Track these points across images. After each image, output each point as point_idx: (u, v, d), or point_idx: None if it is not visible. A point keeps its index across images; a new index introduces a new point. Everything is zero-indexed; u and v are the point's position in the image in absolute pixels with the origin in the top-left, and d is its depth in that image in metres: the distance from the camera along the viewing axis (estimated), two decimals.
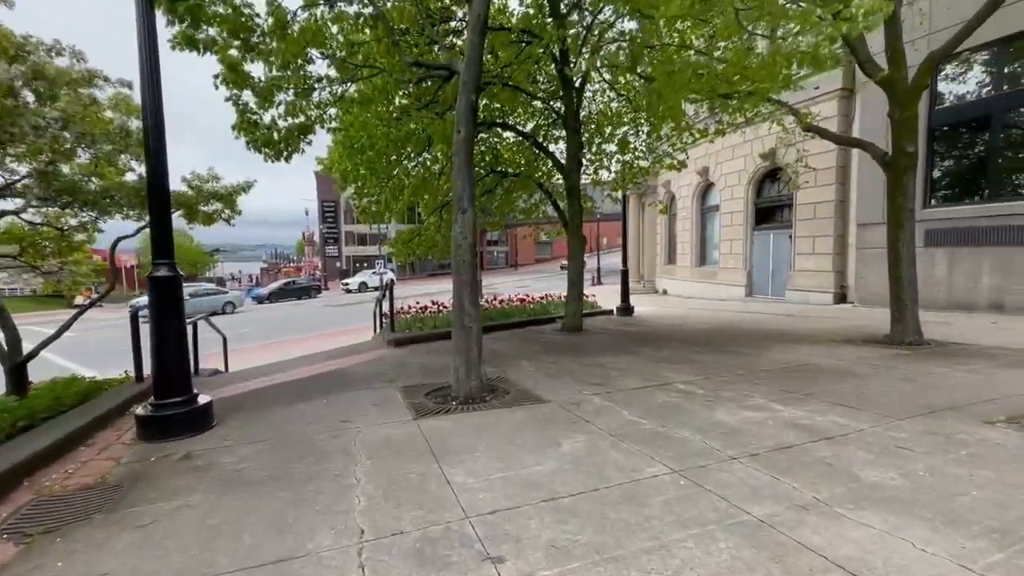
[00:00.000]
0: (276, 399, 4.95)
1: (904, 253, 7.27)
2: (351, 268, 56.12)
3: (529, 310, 11.62)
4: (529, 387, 4.99)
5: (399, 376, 5.73)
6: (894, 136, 7.34)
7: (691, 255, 20.48)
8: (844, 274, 13.91)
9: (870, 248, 12.84)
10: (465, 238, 4.57)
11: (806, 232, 14.61)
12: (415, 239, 11.50)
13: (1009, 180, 10.61)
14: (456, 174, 4.59)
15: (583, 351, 7.08)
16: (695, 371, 5.44)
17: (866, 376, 4.93)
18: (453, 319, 4.73)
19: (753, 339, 7.91)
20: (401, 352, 7.44)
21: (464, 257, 4.59)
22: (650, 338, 8.35)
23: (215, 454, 3.37)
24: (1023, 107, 10.19)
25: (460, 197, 4.57)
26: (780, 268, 15.89)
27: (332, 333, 14.64)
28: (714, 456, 3.00)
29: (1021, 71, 10.26)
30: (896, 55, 7.26)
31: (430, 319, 9.28)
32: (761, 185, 16.70)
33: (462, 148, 4.56)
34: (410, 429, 3.75)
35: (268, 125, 6.08)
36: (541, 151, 9.51)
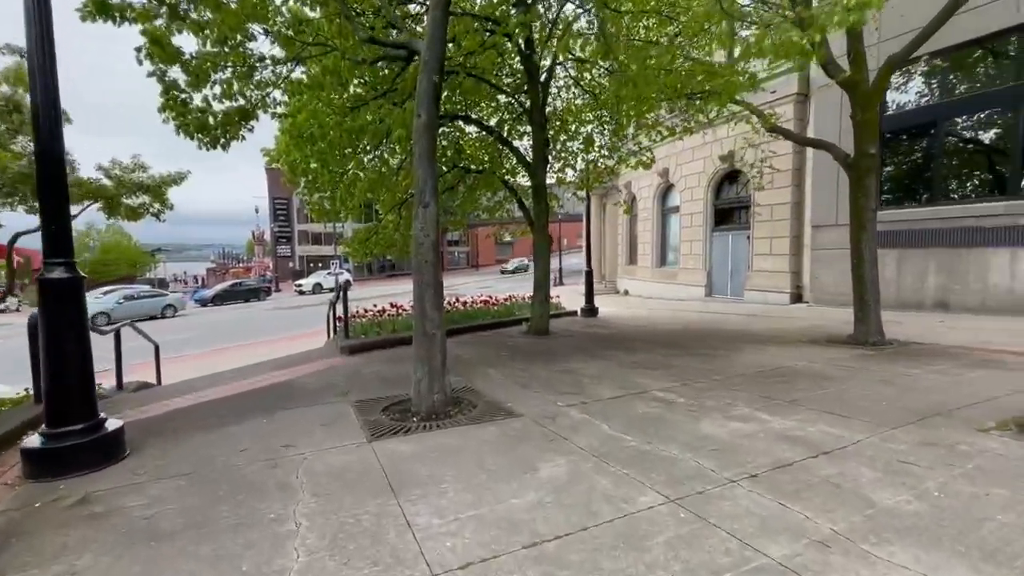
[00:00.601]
0: (208, 419, 4.31)
1: (867, 254, 7.33)
2: (305, 268, 53.96)
3: (494, 312, 11.20)
4: (499, 398, 4.57)
5: (353, 388, 5.18)
6: (856, 138, 7.40)
7: (652, 256, 20.65)
8: (800, 274, 14.24)
9: (824, 249, 13.18)
10: (427, 235, 4.11)
11: (763, 233, 14.90)
12: (372, 238, 10.86)
13: (952, 184, 11.09)
14: (417, 164, 4.12)
15: (553, 356, 6.73)
16: (671, 377, 5.19)
17: (843, 379, 4.80)
18: (414, 325, 4.25)
19: (721, 341, 7.80)
20: (356, 360, 6.85)
21: (426, 256, 4.12)
22: (619, 341, 8.10)
23: (120, 495, 2.76)
24: (966, 114, 10.66)
25: (421, 190, 4.10)
26: (739, 268, 16.16)
27: (282, 338, 13.71)
28: (710, 479, 2.68)
29: (964, 80, 10.73)
30: (858, 57, 7.30)
31: (388, 323, 8.69)
32: (720, 187, 16.96)
33: (423, 135, 4.09)
34: (364, 454, 3.25)
35: (202, 108, 5.39)
36: (506, 146, 9.11)
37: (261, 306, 28.43)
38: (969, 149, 10.91)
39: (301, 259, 56.71)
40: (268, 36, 5.44)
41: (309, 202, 8.79)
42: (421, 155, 4.10)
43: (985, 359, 5.60)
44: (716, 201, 17.03)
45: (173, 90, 5.12)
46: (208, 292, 30.43)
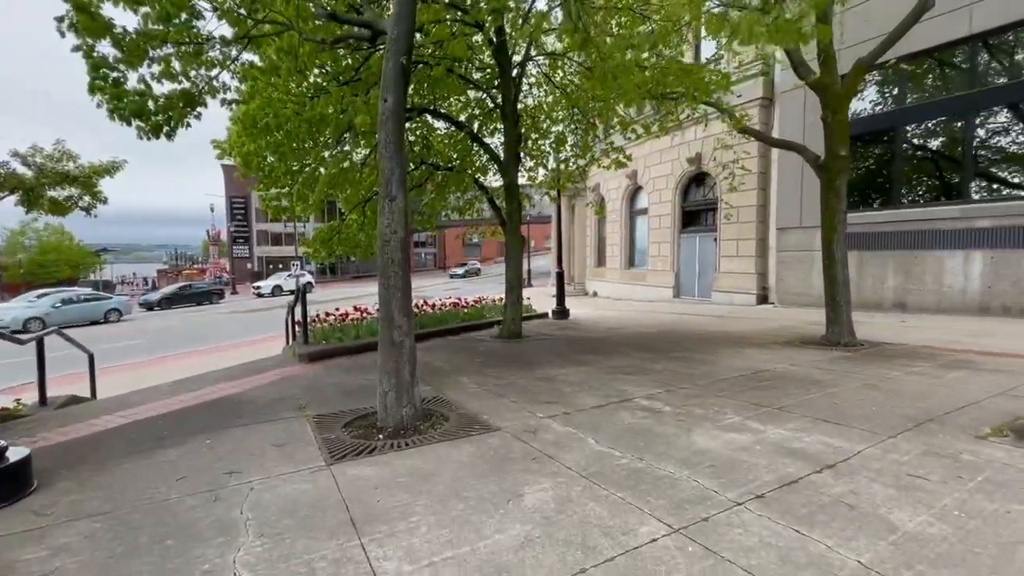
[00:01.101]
0: (141, 441, 3.78)
1: (838, 255, 7.36)
2: (264, 270, 51.91)
3: (464, 315, 10.81)
4: (473, 410, 4.21)
5: (312, 401, 4.71)
6: (827, 139, 7.42)
7: (620, 257, 20.68)
8: (765, 276, 14.46)
9: (789, 251, 13.43)
10: (394, 232, 3.72)
11: (730, 235, 15.07)
12: (334, 238, 10.28)
13: (909, 189, 11.45)
14: (382, 152, 3.72)
15: (528, 362, 6.42)
16: (653, 383, 4.96)
17: (828, 383, 4.68)
18: (380, 332, 3.85)
19: (697, 343, 7.69)
20: (316, 369, 6.34)
21: (393, 256, 3.73)
22: (595, 344, 7.87)
23: (16, 544, 2.27)
24: (921, 121, 11.02)
25: (387, 181, 3.70)
26: (706, 270, 16.32)
27: (236, 344, 12.88)
28: (715, 502, 2.41)
29: (919, 88, 11.10)
30: (828, 59, 7.33)
31: (352, 328, 8.18)
32: (688, 189, 17.11)
33: (389, 121, 3.70)
34: (322, 482, 2.84)
35: (140, 91, 4.81)
36: (477, 143, 8.77)
37: (215, 310, 26.96)
38: (924, 155, 11.28)
39: (260, 260, 54.52)
40: (215, 13, 4.91)
41: (265, 198, 8.19)
42: (387, 143, 3.71)
43: (955, 360, 5.63)
44: (684, 203, 17.17)
45: (103, 68, 4.52)
46: (154, 295, 28.50)
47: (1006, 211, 9.59)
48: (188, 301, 28.79)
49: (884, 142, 11.73)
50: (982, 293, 9.95)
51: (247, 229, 53.52)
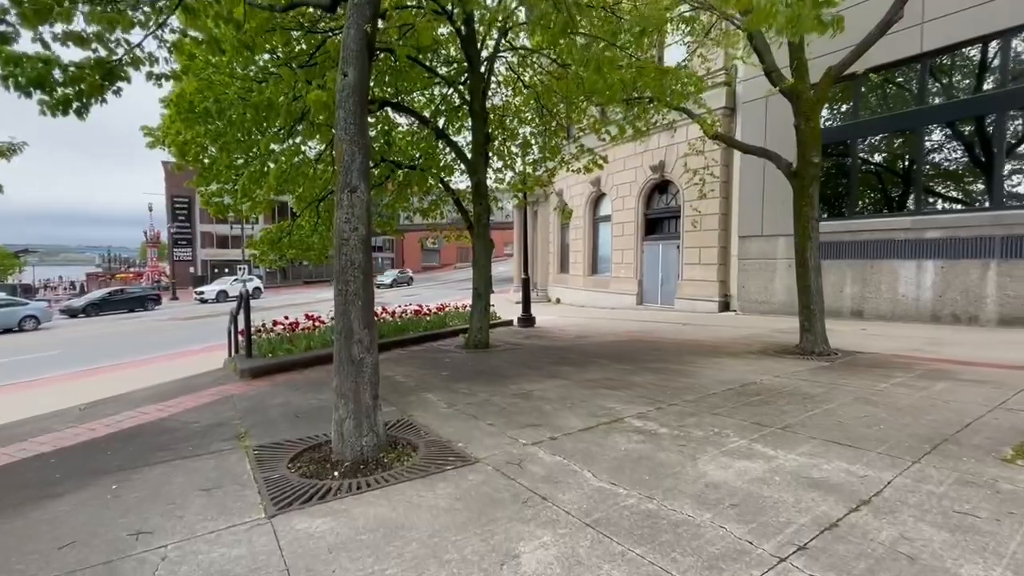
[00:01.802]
0: (25, 486, 3.01)
1: (812, 262, 7.29)
2: (208, 274, 48.87)
3: (426, 323, 10.19)
4: (445, 435, 3.67)
5: (253, 428, 4.02)
6: (800, 147, 7.37)
7: (584, 264, 20.56)
8: (727, 283, 14.59)
9: (750, 259, 13.57)
10: (355, 229, 3.14)
11: (692, 243, 15.15)
12: (285, 239, 9.46)
13: (865, 200, 11.78)
14: (341, 134, 3.15)
15: (500, 375, 5.91)
16: (640, 398, 4.57)
17: (821, 398, 4.44)
18: (335, 347, 3.25)
19: (672, 353, 7.43)
20: (260, 387, 5.58)
21: (352, 257, 3.15)
22: (568, 354, 7.47)
23: None
24: (877, 134, 11.36)
25: (347, 168, 3.13)
26: (669, 277, 16.35)
27: (172, 356, 11.67)
28: (753, 557, 1.99)
29: (873, 102, 11.46)
30: (800, 67, 7.29)
31: (303, 338, 7.40)
32: (651, 197, 17.16)
33: (351, 97, 3.14)
34: (261, 543, 2.23)
35: (43, 56, 3.99)
36: (443, 139, 8.22)
37: (151, 317, 24.86)
38: (878, 168, 11.64)
39: (204, 264, 51.32)
40: None
41: (204, 195, 7.32)
42: (347, 124, 3.15)
43: (932, 370, 5.58)
44: (647, 211, 17.20)
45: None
46: (79, 301, 25.89)
47: (954, 223, 9.95)
48: (119, 307, 26.43)
49: (839, 155, 12.03)
50: (934, 302, 10.26)
51: (190, 230, 50.30)
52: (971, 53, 9.88)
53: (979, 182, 10.07)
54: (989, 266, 9.52)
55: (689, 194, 15.09)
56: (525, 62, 9.21)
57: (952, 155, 10.42)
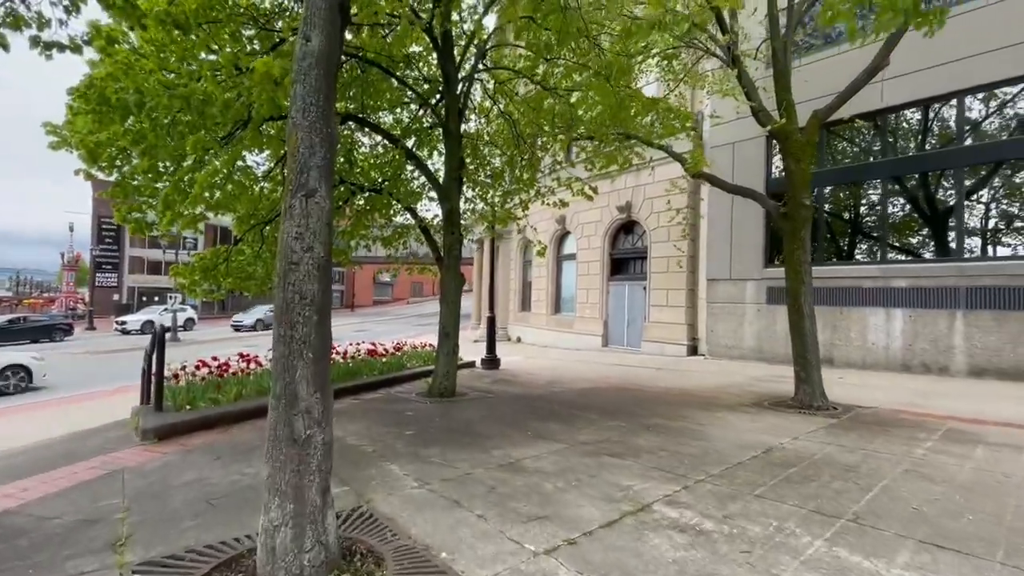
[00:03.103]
0: None
1: (806, 308, 6.87)
2: (135, 302, 44.70)
3: (382, 365, 9.03)
4: (422, 536, 2.66)
5: (141, 526, 2.84)
6: (791, 188, 7.07)
7: (547, 303, 19.94)
8: (695, 327, 14.28)
9: (719, 303, 13.34)
10: (309, 249, 2.21)
11: (660, 285, 14.86)
12: (221, 266, 8.16)
13: (833, 247, 11.88)
14: (297, 119, 2.26)
15: (477, 435, 4.92)
16: (656, 470, 3.74)
17: (865, 471, 3.76)
18: (272, 422, 2.24)
19: (662, 404, 6.72)
20: (167, 454, 4.30)
21: (304, 289, 2.20)
22: (547, 405, 6.58)
23: None
24: (845, 182, 11.54)
25: (303, 165, 2.23)
26: (635, 319, 15.94)
27: (69, 398, 9.81)
28: None
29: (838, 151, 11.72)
30: (789, 108, 7.09)
31: (233, 384, 6.11)
32: (617, 237, 16.92)
33: (315, 69, 2.28)
34: None
35: None
36: (413, 161, 7.40)
37: (60, 349, 21.83)
38: (847, 216, 11.80)
39: (132, 291, 46.99)
40: None
41: (119, 208, 6.06)
42: (306, 105, 2.27)
43: (951, 429, 5.12)
44: (613, 251, 16.91)
45: None
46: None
47: (920, 272, 10.02)
48: (20, 338, 23.13)
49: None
50: (904, 351, 10.19)
51: (117, 254, 46.13)
52: (935, 108, 10.21)
53: (942, 233, 10.27)
54: (956, 316, 9.56)
55: (656, 235, 14.93)
56: (502, 89, 8.66)
57: (916, 206, 10.65)
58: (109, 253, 45.28)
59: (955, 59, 9.34)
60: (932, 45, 9.23)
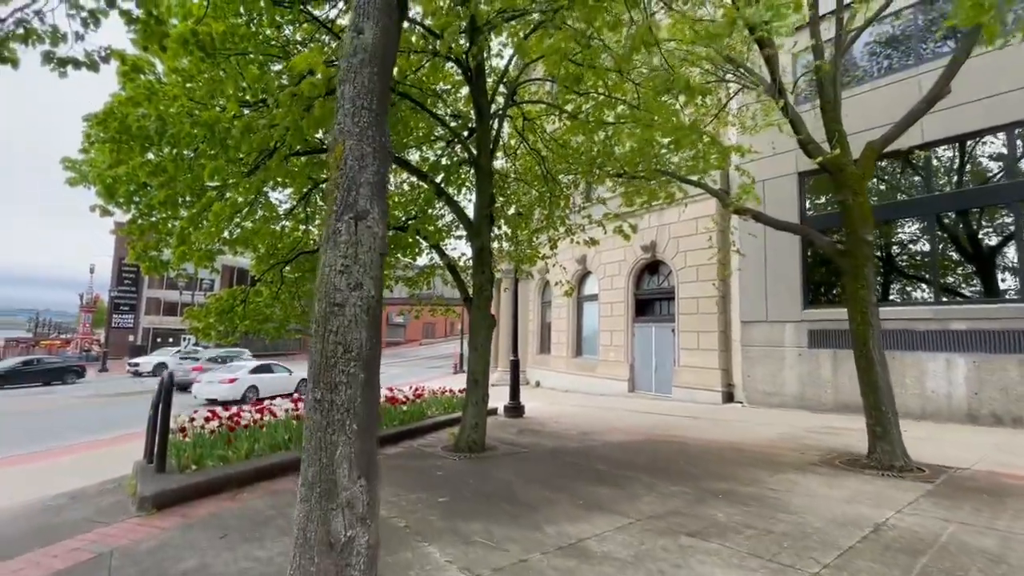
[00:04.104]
0: None
1: (876, 355, 6.18)
2: (149, 344, 44.63)
3: (402, 414, 8.38)
4: None
5: None
6: (849, 223, 6.54)
7: (567, 345, 19.23)
8: (730, 372, 13.47)
9: (755, 346, 12.59)
10: (357, 287, 1.71)
11: (690, 327, 14.17)
12: (238, 308, 7.74)
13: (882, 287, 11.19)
14: (347, 124, 1.81)
15: (521, 502, 4.25)
16: (753, 557, 3.04)
17: (1017, 562, 3.03)
18: (299, 518, 1.67)
19: (715, 462, 6.00)
20: (166, 529, 3.68)
21: (348, 339, 1.69)
22: (590, 463, 5.87)
23: None
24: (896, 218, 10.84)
25: (351, 180, 1.76)
26: (664, 363, 15.15)
27: (73, 447, 9.24)
28: None
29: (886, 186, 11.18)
30: (841, 139, 6.66)
31: (244, 439, 5.52)
32: (641, 277, 16.39)
33: (367, 66, 1.86)
34: None
35: None
36: (442, 198, 7.04)
37: (70, 392, 21.43)
38: (896, 253, 11.13)
39: (147, 332, 47.05)
40: None
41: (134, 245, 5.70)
42: (357, 109, 1.82)
43: None
44: (637, 291, 16.34)
45: None
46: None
47: (981, 314, 9.28)
48: (33, 380, 22.82)
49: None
50: (969, 399, 9.31)
51: (135, 295, 46.52)
52: (999, 139, 9.58)
53: (1005, 272, 9.56)
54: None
55: (684, 275, 14.38)
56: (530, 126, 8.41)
57: (973, 243, 9.98)
58: (127, 294, 45.69)
59: (1012, 89, 8.92)
60: (992, 73, 8.83)
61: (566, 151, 8.47)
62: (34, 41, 2.85)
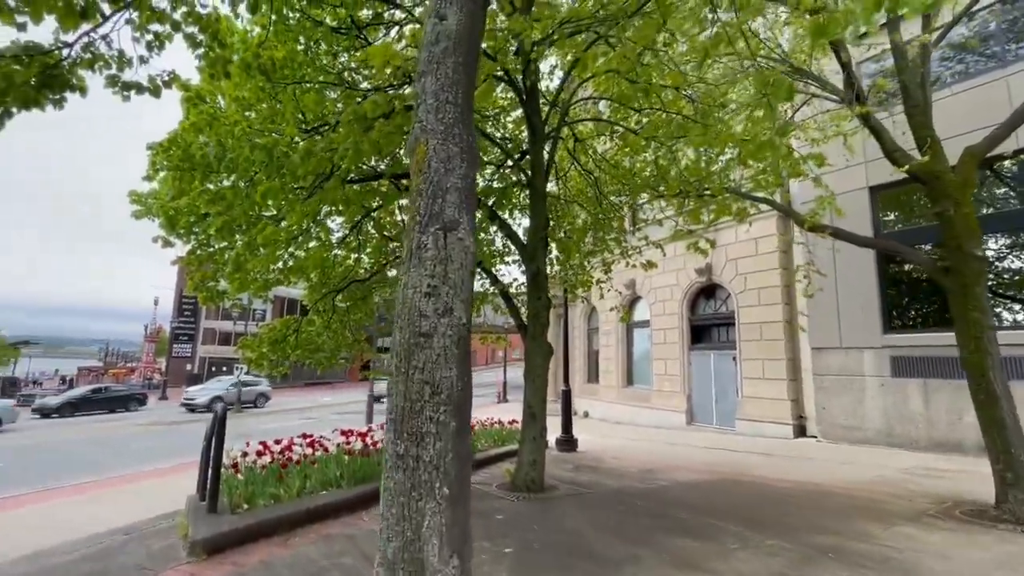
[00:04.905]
0: None
1: (997, 387, 5.33)
2: (205, 372, 46.58)
3: None
4: None
5: None
6: (952, 237, 5.80)
7: (617, 374, 18.45)
8: (801, 403, 12.41)
9: (830, 375, 11.55)
10: (447, 311, 1.38)
11: (753, 354, 13.24)
12: (290, 339, 7.68)
13: None
14: (430, 120, 1.53)
15: (598, 557, 3.75)
16: None
17: None
18: None
19: (808, 509, 5.27)
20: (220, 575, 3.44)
21: (436, 376, 1.36)
22: (664, 508, 5.27)
23: None
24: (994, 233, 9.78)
25: (437, 186, 1.46)
26: (725, 393, 14.18)
27: (131, 477, 9.36)
28: None
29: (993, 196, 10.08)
30: (934, 145, 6.01)
31: (296, 475, 5.28)
32: (696, 301, 15.61)
33: (451, 55, 1.58)
34: None
35: None
36: (495, 221, 6.81)
37: (131, 420, 22.33)
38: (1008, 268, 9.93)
39: (203, 361, 49.23)
40: None
41: (192, 276, 5.71)
42: (439, 103, 1.53)
43: None
44: (692, 317, 15.53)
45: None
46: (53, 400, 23.31)
47: None
48: (100, 407, 23.96)
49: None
50: None
51: (193, 326, 48.98)
52: None
53: None
54: None
55: (745, 299, 13.55)
56: (582, 147, 8.15)
57: None
58: (186, 325, 48.14)
59: None
60: None
61: (618, 171, 8.15)
62: (100, 67, 2.80)
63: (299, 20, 4.38)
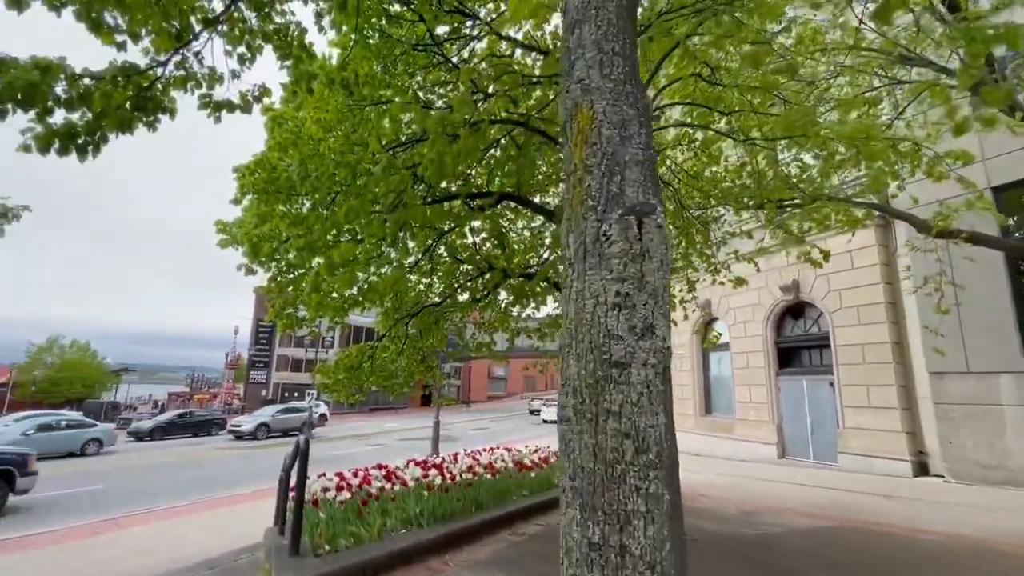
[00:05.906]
0: None
1: None
2: (278, 397, 48.80)
3: (531, 482, 7.48)
4: None
5: None
6: None
7: (694, 402, 17.21)
8: (919, 436, 10.85)
9: (954, 404, 10.02)
10: (647, 331, 0.94)
11: (855, 380, 11.82)
12: (365, 365, 7.56)
13: None
14: (594, 76, 1.13)
15: None
16: None
17: None
18: None
19: (980, 572, 4.26)
20: None
21: (639, 425, 0.93)
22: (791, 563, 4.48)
23: None
24: None
25: (613, 160, 1.04)
26: (822, 424, 12.72)
27: (213, 503, 9.53)
28: None
29: None
30: None
31: (376, 511, 4.96)
32: (781, 321, 14.32)
33: None
34: None
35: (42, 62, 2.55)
36: None
37: (212, 443, 23.48)
38: None
39: (276, 387, 51.72)
40: None
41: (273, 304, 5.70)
42: (604, 55, 1.14)
43: None
44: (778, 339, 14.24)
45: None
46: (147, 423, 25.07)
47: None
48: (184, 431, 25.42)
49: None
50: None
51: (268, 353, 51.72)
52: None
53: None
54: None
55: (841, 318, 12.21)
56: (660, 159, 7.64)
57: None
58: (262, 352, 50.94)
59: None
60: None
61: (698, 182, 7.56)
62: (193, 86, 2.69)
63: (380, 39, 4.27)
